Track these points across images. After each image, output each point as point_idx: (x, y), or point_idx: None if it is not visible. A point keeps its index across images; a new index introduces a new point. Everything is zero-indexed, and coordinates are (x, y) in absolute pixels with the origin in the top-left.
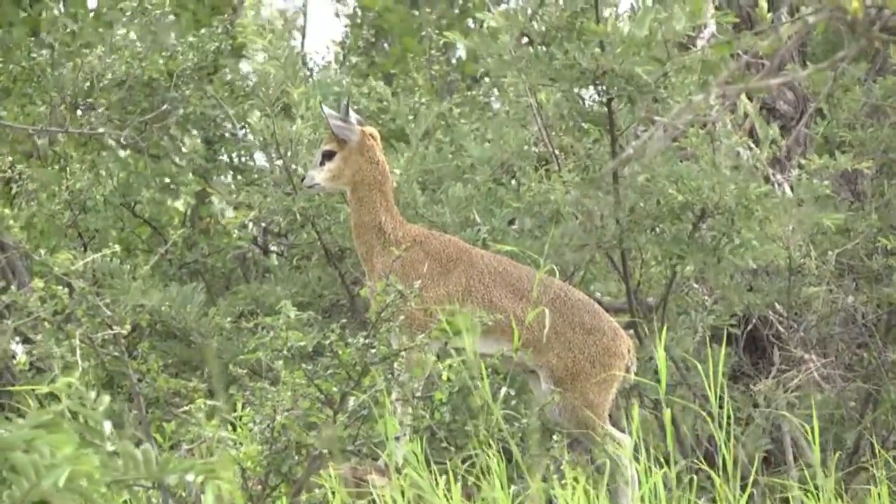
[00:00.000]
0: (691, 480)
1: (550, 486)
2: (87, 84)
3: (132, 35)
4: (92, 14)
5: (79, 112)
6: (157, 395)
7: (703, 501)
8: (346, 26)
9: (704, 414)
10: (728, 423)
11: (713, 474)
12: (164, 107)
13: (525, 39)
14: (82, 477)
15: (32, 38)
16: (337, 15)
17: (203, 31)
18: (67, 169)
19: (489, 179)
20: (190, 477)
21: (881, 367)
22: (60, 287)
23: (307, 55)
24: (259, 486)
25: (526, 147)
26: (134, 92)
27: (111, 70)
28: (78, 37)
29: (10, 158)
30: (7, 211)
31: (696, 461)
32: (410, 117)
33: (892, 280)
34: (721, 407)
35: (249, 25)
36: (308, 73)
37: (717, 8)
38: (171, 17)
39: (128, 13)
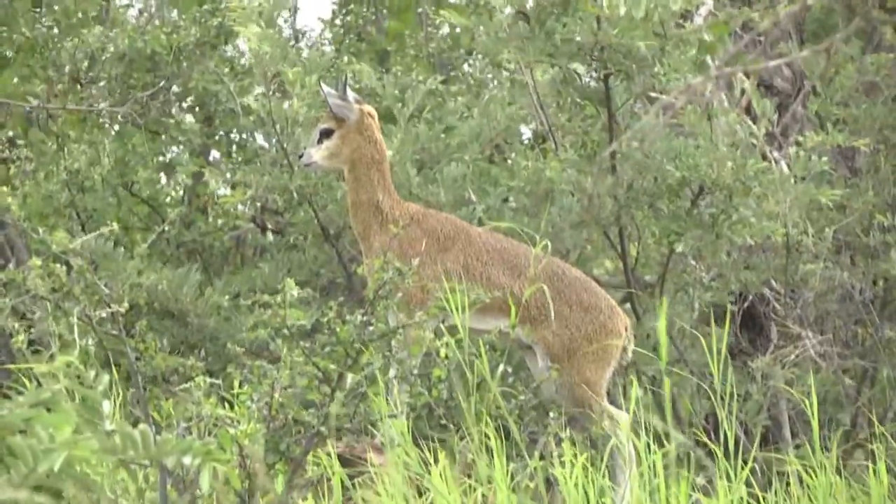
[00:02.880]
0: (689, 457)
1: (548, 463)
2: (88, 60)
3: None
4: None
5: (79, 87)
6: (155, 374)
7: (700, 478)
8: (333, 3)
9: (706, 387)
10: (729, 399)
11: (715, 449)
12: (163, 83)
13: (519, 16)
14: (80, 461)
15: (36, 11)
16: None
17: (205, 6)
18: (65, 148)
19: (479, 157)
20: (187, 459)
21: (878, 344)
22: (58, 265)
23: (302, 32)
24: (256, 464)
25: (514, 123)
26: (135, 66)
27: (113, 44)
28: (79, 4)
29: (11, 133)
30: (5, 189)
31: (694, 437)
32: (399, 96)
33: (889, 256)
34: (722, 383)
35: (238, 8)
36: (302, 51)
37: None
38: None
39: None
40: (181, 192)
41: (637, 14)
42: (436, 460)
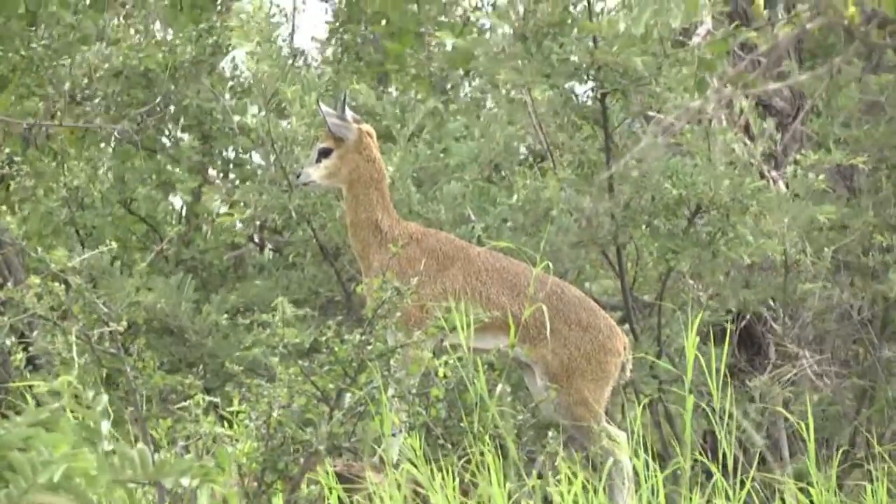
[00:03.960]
0: (692, 476)
1: (546, 482)
2: (86, 78)
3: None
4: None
5: (76, 105)
6: (154, 392)
7: (699, 498)
8: (328, 22)
9: (705, 406)
10: (728, 418)
11: (714, 469)
12: (157, 99)
13: (515, 36)
14: (78, 475)
15: (32, 30)
16: (330, 14)
17: (201, 24)
18: (65, 165)
19: (478, 178)
20: (186, 481)
21: (877, 364)
22: (57, 283)
23: (302, 51)
24: (255, 483)
25: (514, 143)
26: (131, 84)
27: (108, 62)
28: (76, 28)
29: (8, 150)
30: (4, 207)
31: (694, 457)
32: (399, 115)
33: (888, 276)
34: (721, 402)
35: (235, 27)
36: (303, 69)
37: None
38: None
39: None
40: (180, 210)
41: (637, 31)
42: (434, 478)
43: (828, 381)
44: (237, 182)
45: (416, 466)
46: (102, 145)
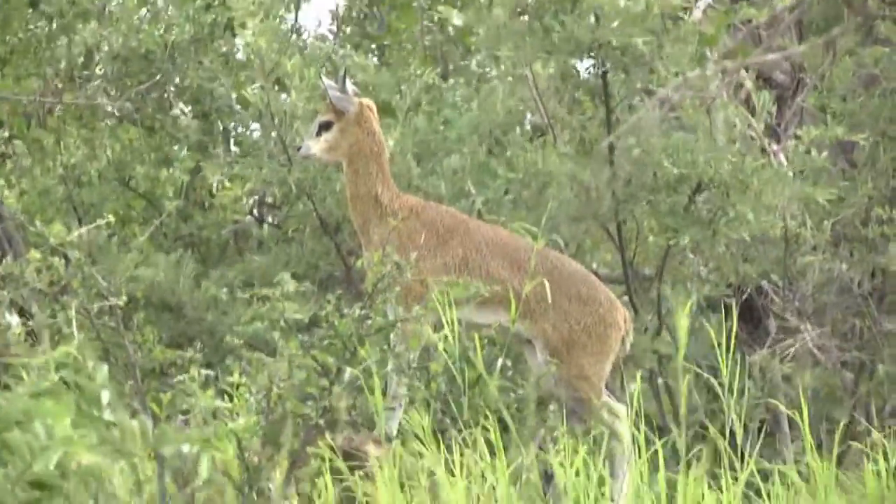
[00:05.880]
0: (688, 449)
1: (546, 456)
2: (83, 57)
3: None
4: None
5: (76, 83)
6: (153, 366)
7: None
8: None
9: (710, 380)
10: (730, 393)
11: (721, 444)
12: (158, 77)
13: (518, 11)
14: (76, 458)
15: (30, 11)
16: None
17: (199, 2)
18: (62, 143)
19: (478, 150)
20: (186, 448)
21: (876, 337)
22: (56, 258)
23: (302, 27)
24: (255, 457)
25: (515, 115)
26: (130, 64)
27: (107, 42)
28: (77, 4)
29: (7, 134)
30: (2, 182)
31: (696, 429)
32: (399, 89)
33: (888, 248)
34: (724, 375)
35: (240, 2)
36: (302, 45)
37: None
38: None
39: None
40: (180, 185)
41: (636, 7)
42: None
43: (828, 355)
44: (237, 155)
45: (425, 445)
46: (102, 122)
